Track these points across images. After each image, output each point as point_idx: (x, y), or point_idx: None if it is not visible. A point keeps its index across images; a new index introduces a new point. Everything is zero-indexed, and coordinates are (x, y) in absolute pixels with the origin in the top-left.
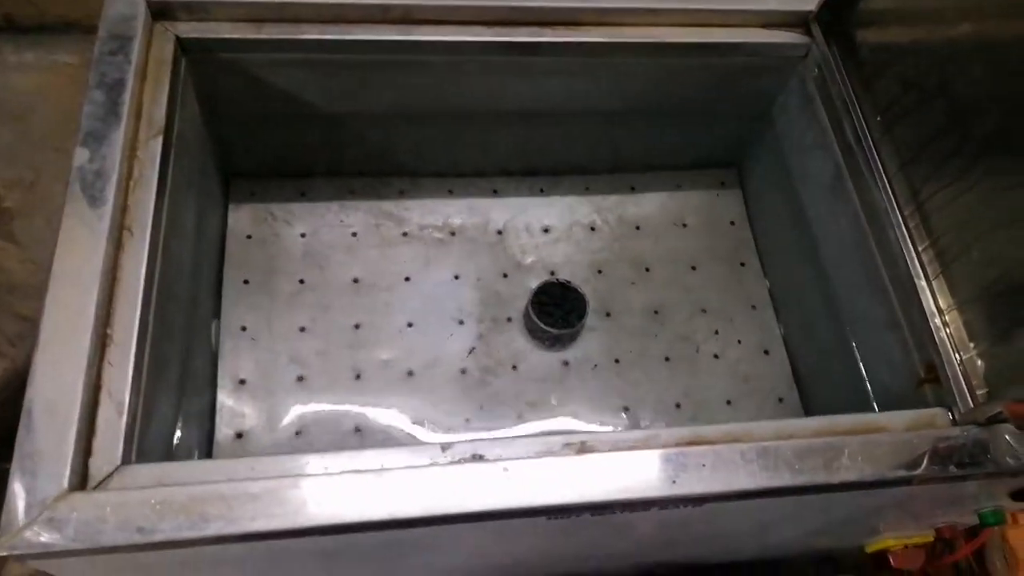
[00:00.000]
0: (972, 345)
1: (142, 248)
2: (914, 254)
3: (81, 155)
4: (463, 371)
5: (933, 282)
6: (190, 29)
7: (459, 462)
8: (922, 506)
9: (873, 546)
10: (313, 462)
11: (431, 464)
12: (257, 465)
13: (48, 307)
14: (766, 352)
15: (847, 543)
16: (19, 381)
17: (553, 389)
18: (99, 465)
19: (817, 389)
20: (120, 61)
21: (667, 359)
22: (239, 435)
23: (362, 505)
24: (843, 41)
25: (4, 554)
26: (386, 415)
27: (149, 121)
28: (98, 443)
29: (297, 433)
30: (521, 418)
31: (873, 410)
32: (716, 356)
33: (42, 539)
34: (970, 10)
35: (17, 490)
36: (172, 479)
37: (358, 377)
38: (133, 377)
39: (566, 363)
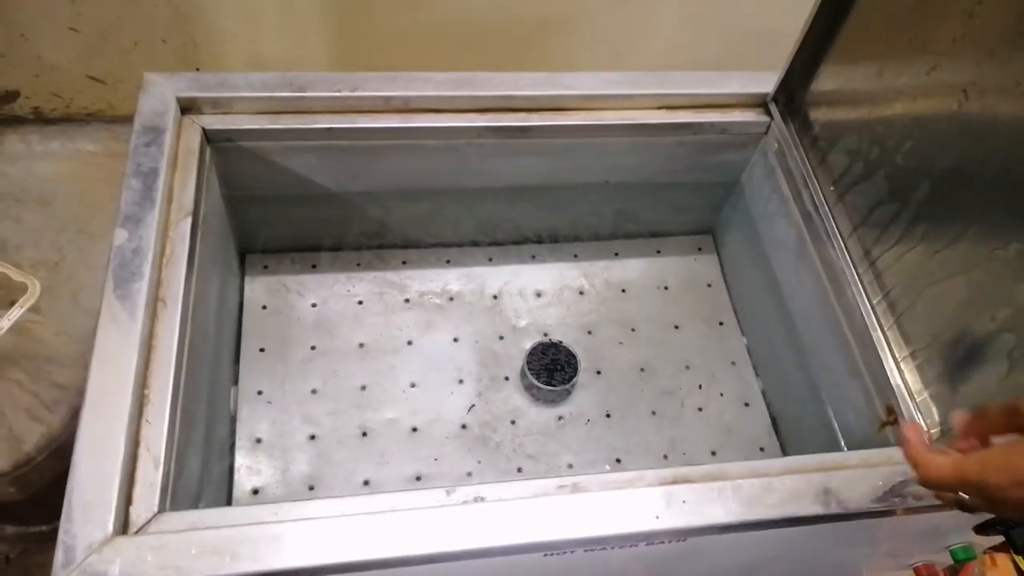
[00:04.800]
0: (924, 389)
1: (174, 317)
2: (869, 308)
3: (120, 235)
4: (463, 426)
5: (887, 332)
6: (214, 121)
7: (463, 504)
8: (894, 543)
9: None
10: (330, 505)
11: (438, 506)
12: (280, 510)
13: (93, 369)
14: (746, 404)
15: None
16: (54, 445)
17: (550, 442)
18: (139, 512)
19: (794, 436)
20: (154, 152)
21: (654, 413)
22: (255, 491)
23: (376, 543)
24: (798, 119)
25: None
26: (393, 469)
27: (179, 204)
28: (138, 493)
29: (310, 487)
30: (521, 470)
31: (841, 451)
32: (700, 409)
33: None
34: (901, 91)
35: (67, 535)
36: (204, 524)
37: (365, 434)
38: (168, 434)
39: (560, 418)
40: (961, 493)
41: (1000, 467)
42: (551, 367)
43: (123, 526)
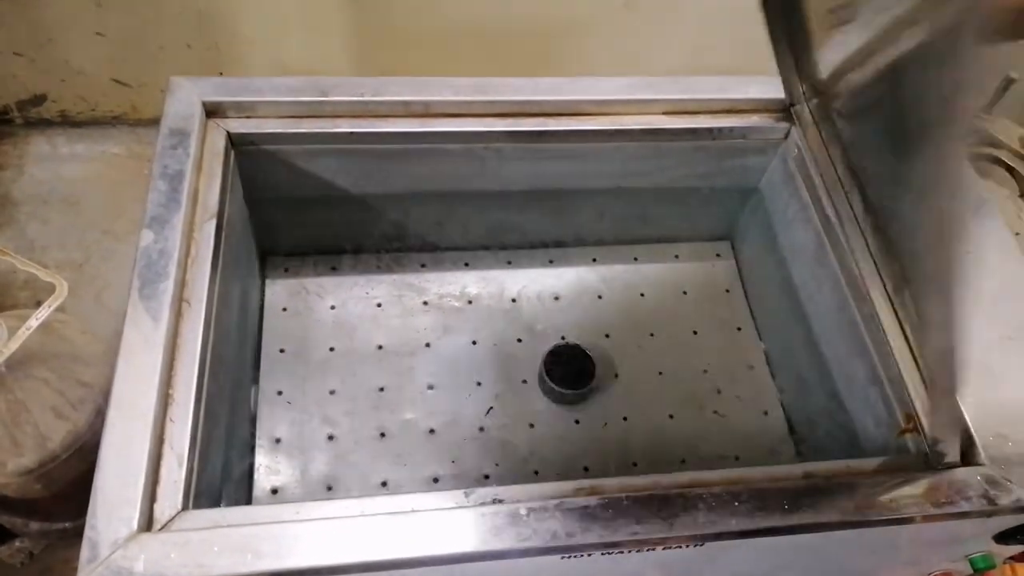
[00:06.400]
0: None
1: (199, 318)
2: (892, 314)
3: (147, 236)
4: (481, 429)
5: (908, 339)
6: (239, 125)
7: (481, 505)
8: (912, 551)
9: None
10: (351, 506)
11: (457, 507)
12: (301, 509)
13: (120, 367)
14: (765, 412)
15: None
16: (79, 443)
17: (567, 446)
18: (163, 510)
19: (813, 442)
20: (180, 154)
21: (672, 417)
22: (274, 491)
23: (396, 544)
24: (818, 124)
25: None
26: (410, 470)
27: (204, 207)
28: (161, 490)
29: (328, 487)
30: (538, 473)
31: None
32: (716, 413)
33: (116, 574)
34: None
35: (92, 531)
36: (226, 522)
37: (383, 435)
38: (191, 433)
39: (578, 421)
40: None
41: None
42: (569, 370)
43: (147, 523)
